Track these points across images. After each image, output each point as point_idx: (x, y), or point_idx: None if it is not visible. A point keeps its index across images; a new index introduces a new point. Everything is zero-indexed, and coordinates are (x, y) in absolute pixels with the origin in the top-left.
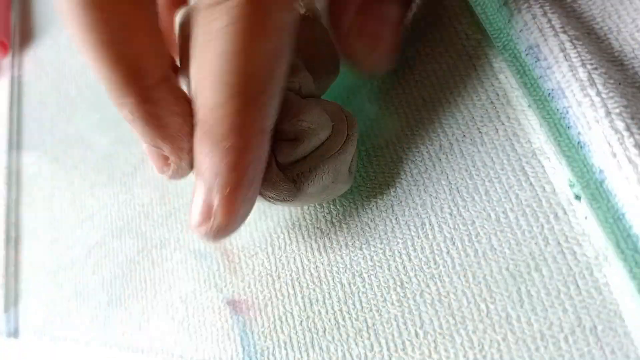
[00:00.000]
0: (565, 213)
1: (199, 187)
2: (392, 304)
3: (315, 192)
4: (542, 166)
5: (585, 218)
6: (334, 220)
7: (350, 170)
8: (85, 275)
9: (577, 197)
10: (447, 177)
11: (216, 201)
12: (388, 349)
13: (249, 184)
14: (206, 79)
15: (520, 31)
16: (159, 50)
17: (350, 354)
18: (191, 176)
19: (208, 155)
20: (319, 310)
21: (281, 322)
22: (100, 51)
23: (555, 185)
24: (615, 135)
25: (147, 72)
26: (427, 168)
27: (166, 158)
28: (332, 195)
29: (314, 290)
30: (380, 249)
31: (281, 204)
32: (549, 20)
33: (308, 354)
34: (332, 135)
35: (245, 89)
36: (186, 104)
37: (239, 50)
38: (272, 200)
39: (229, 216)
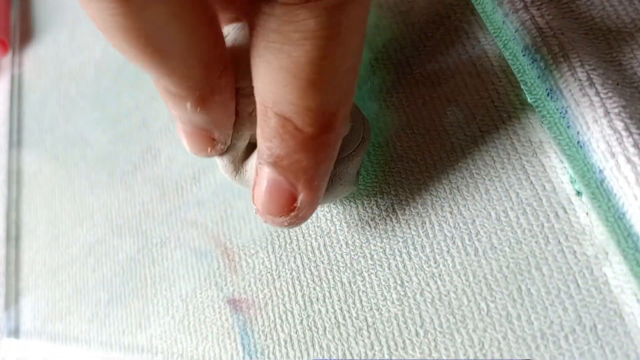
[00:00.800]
0: (565, 212)
1: (276, 177)
2: (393, 302)
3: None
4: (542, 165)
5: (587, 214)
6: (334, 219)
7: (357, 173)
8: (85, 274)
9: (579, 193)
10: (448, 176)
11: (302, 195)
12: (388, 348)
13: (328, 174)
14: (282, 84)
15: (515, 31)
16: (218, 39)
17: (351, 353)
18: (186, 171)
19: (293, 150)
20: (319, 309)
21: (281, 320)
22: (156, 50)
23: (555, 184)
24: (614, 135)
25: (214, 65)
26: (427, 167)
27: (212, 139)
28: (337, 196)
29: (314, 289)
30: (381, 247)
31: None
32: (547, 22)
33: (308, 353)
34: (349, 136)
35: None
36: (232, 88)
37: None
38: None
39: (313, 206)
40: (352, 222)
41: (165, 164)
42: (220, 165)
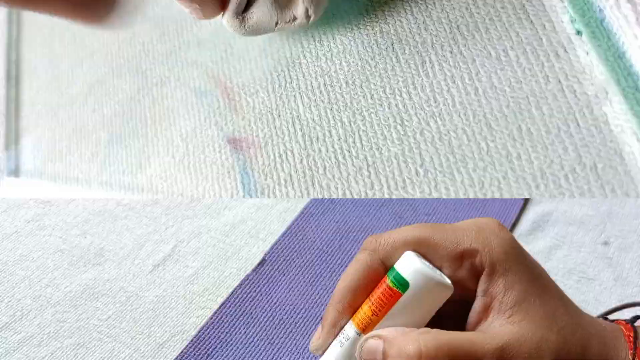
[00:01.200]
0: (565, 51)
1: None
2: (393, 142)
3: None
4: (542, 4)
5: (587, 53)
6: (334, 58)
7: None
8: (85, 113)
9: (579, 33)
10: (448, 16)
11: None
12: (388, 187)
13: None
14: None
15: None
16: None
17: (351, 192)
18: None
19: None
20: (319, 149)
21: (282, 160)
22: None
23: (556, 23)
24: None
25: None
26: (427, 6)
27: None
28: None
29: (315, 128)
30: (381, 87)
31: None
32: None
33: (308, 192)
34: None
35: None
36: None
37: None
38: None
39: None
40: (352, 61)
41: (166, 3)
42: (225, 25)
